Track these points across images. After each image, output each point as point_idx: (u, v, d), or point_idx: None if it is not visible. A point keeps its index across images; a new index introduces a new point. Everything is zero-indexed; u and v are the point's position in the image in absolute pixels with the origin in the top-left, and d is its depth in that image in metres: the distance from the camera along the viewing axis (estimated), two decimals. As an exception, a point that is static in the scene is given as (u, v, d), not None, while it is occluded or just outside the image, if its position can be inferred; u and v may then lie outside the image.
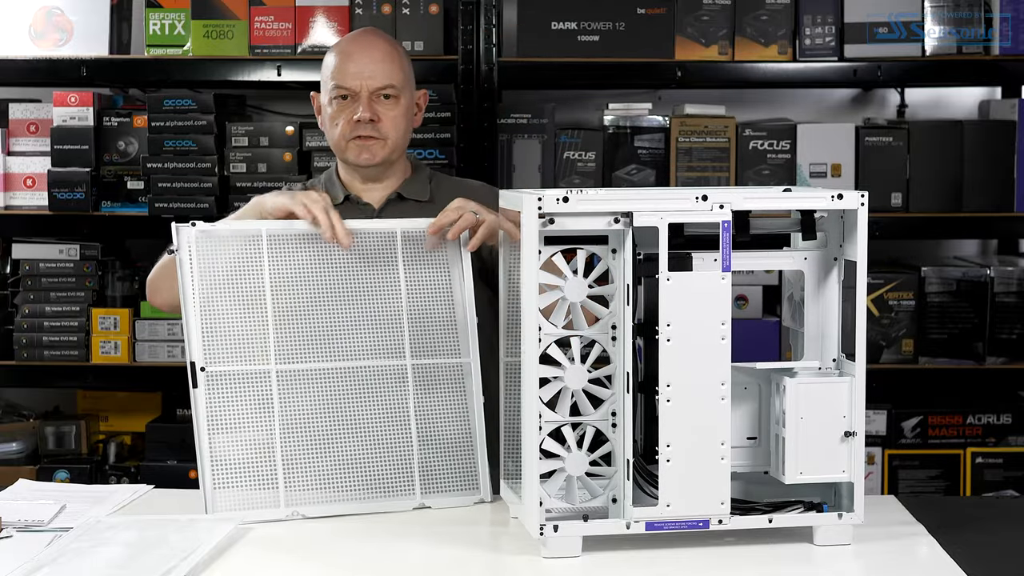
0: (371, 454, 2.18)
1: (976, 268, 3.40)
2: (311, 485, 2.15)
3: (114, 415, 3.59)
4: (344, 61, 2.52)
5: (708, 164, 3.35)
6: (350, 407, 2.18)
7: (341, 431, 2.17)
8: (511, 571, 1.90)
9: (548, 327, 1.91)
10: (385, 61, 2.52)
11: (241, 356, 2.15)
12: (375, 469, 2.18)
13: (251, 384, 2.15)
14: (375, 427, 2.19)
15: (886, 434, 3.42)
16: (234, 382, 2.14)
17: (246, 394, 2.14)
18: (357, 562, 1.95)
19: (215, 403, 2.12)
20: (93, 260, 3.42)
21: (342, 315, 2.21)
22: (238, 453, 2.13)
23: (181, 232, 2.16)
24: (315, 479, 2.15)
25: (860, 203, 1.94)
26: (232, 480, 2.12)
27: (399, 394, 2.21)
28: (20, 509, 2.13)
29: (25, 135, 3.44)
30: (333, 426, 2.17)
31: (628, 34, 3.29)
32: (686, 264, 1.90)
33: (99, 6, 3.38)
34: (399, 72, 2.53)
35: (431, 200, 2.56)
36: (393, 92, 2.51)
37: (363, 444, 2.18)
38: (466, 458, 2.23)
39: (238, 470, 2.12)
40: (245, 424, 2.13)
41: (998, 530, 2.10)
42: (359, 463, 2.17)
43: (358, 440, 2.18)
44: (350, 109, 2.50)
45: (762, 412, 2.04)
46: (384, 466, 2.18)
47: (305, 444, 2.16)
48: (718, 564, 1.90)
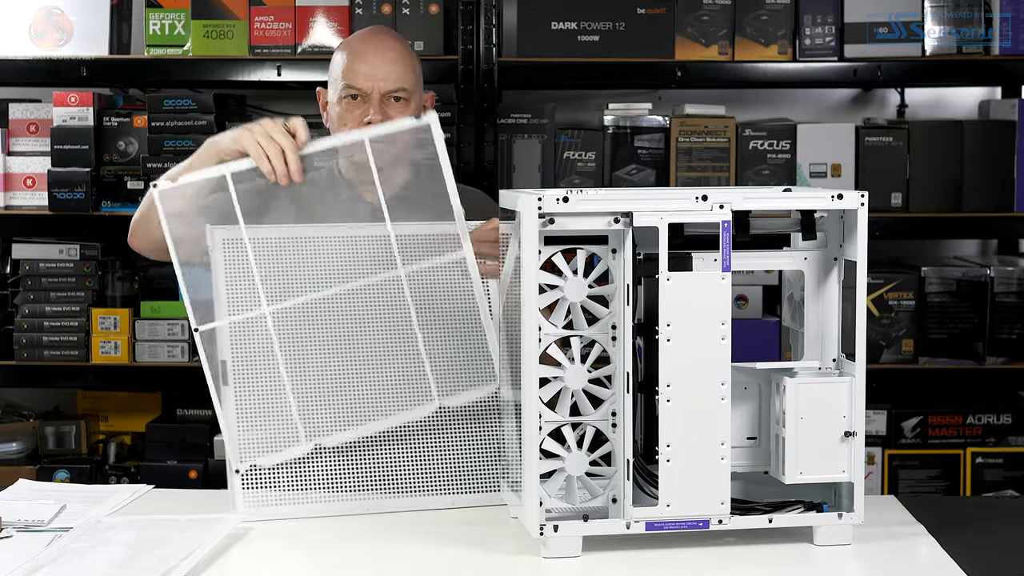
0: (381, 371, 2.18)
1: (976, 268, 3.40)
2: (328, 415, 2.16)
3: (114, 415, 3.59)
4: (355, 60, 2.49)
5: (708, 164, 3.35)
6: (352, 330, 2.18)
7: (348, 356, 2.17)
8: (511, 571, 1.90)
9: (548, 327, 1.91)
10: (398, 62, 2.49)
11: (233, 307, 2.15)
12: (388, 385, 2.18)
13: (249, 333, 2.15)
14: (380, 343, 2.19)
15: (886, 434, 3.42)
16: (232, 335, 2.14)
17: (247, 343, 2.15)
18: (357, 561, 1.95)
19: (214, 361, 2.14)
20: (93, 260, 3.42)
21: (325, 239, 2.19)
22: (252, 401, 2.14)
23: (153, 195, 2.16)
24: (331, 408, 2.16)
25: (860, 203, 1.94)
26: (253, 429, 2.14)
27: (399, 305, 2.19)
28: (20, 509, 2.13)
29: (25, 135, 3.44)
30: (339, 352, 2.17)
31: (628, 34, 3.29)
32: (686, 264, 1.90)
33: (99, 6, 3.38)
34: (411, 74, 2.51)
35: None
36: (404, 95, 2.48)
37: (371, 363, 2.18)
38: (477, 350, 2.21)
39: (256, 417, 2.14)
40: (252, 372, 2.14)
41: (998, 530, 2.10)
42: (371, 383, 2.17)
43: (366, 360, 2.18)
44: (360, 110, 2.47)
45: (762, 412, 2.04)
46: (397, 380, 2.18)
47: (315, 377, 2.16)
48: (718, 564, 1.90)
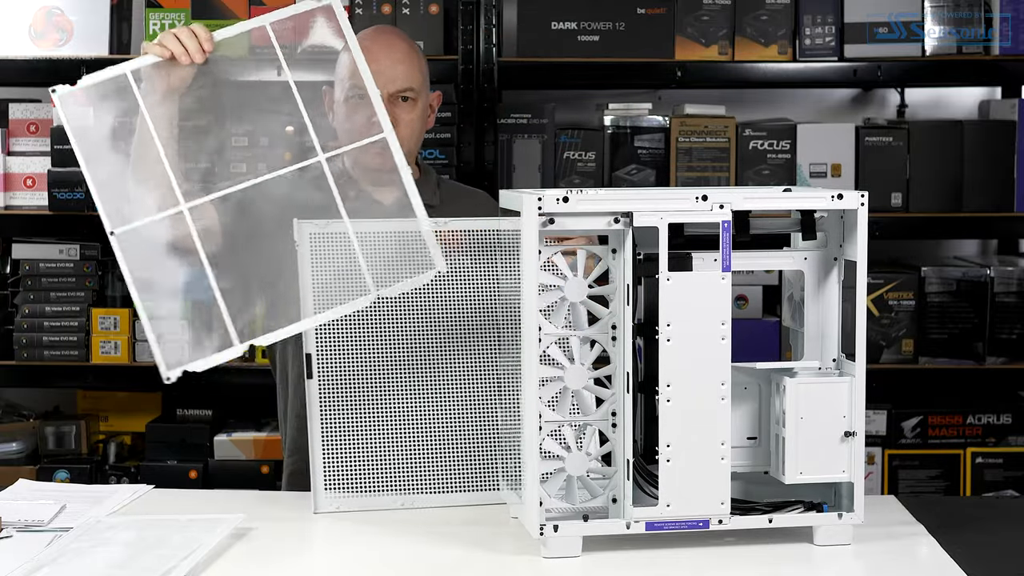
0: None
1: (976, 268, 3.40)
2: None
3: (114, 415, 3.59)
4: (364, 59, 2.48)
5: (708, 164, 3.35)
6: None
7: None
8: (511, 571, 1.90)
9: (548, 327, 1.91)
10: (404, 62, 2.47)
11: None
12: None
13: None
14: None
15: (886, 434, 3.42)
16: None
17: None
18: (357, 561, 1.95)
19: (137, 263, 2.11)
20: (93, 260, 3.42)
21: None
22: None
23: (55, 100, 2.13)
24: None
25: (860, 203, 1.94)
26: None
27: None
28: (20, 509, 2.13)
29: (25, 135, 3.45)
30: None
31: (628, 34, 3.29)
32: (686, 264, 1.90)
33: (99, 6, 3.39)
34: (418, 74, 2.49)
35: (439, 205, 2.53)
36: (412, 95, 2.47)
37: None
38: None
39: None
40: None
41: (998, 530, 2.10)
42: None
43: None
44: (367, 111, 2.42)
45: (762, 412, 2.04)
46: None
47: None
48: (718, 564, 1.90)
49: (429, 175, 2.61)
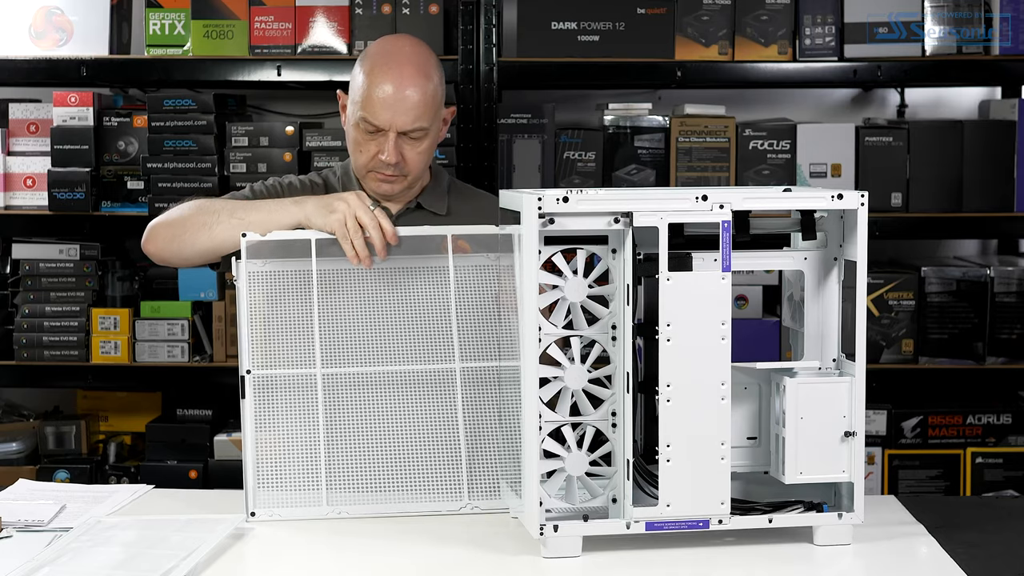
0: (417, 456, 2.17)
1: (976, 268, 3.40)
2: (355, 487, 2.14)
3: (114, 415, 3.60)
4: (375, 92, 2.37)
5: (708, 164, 3.35)
6: (397, 410, 2.17)
7: (386, 433, 2.16)
8: (511, 571, 1.90)
9: (548, 327, 1.91)
10: (415, 97, 2.38)
11: (288, 361, 2.16)
12: (421, 471, 2.16)
13: (297, 388, 2.16)
14: (422, 429, 2.18)
15: (886, 434, 3.42)
16: (280, 386, 2.15)
17: (292, 397, 2.16)
18: (356, 562, 1.95)
19: (262, 406, 2.14)
20: (93, 260, 3.42)
21: (390, 319, 2.20)
22: (282, 454, 2.14)
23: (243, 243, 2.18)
24: (359, 480, 2.15)
25: (860, 203, 1.94)
26: (275, 480, 2.13)
27: (447, 397, 2.19)
28: (20, 509, 2.13)
29: (25, 135, 3.44)
30: (378, 428, 2.16)
31: (628, 34, 3.29)
32: (686, 264, 1.90)
33: (99, 6, 3.38)
34: (430, 107, 2.40)
35: (448, 215, 2.52)
36: (421, 134, 2.41)
37: (409, 446, 2.17)
38: (514, 459, 2.20)
39: (281, 470, 2.13)
40: (290, 425, 2.15)
41: (998, 530, 2.10)
42: (404, 465, 2.16)
43: (404, 442, 2.17)
44: (376, 143, 2.40)
45: (762, 412, 2.04)
46: (430, 468, 2.17)
47: (350, 446, 2.15)
48: (718, 564, 1.91)
49: (440, 181, 2.58)
